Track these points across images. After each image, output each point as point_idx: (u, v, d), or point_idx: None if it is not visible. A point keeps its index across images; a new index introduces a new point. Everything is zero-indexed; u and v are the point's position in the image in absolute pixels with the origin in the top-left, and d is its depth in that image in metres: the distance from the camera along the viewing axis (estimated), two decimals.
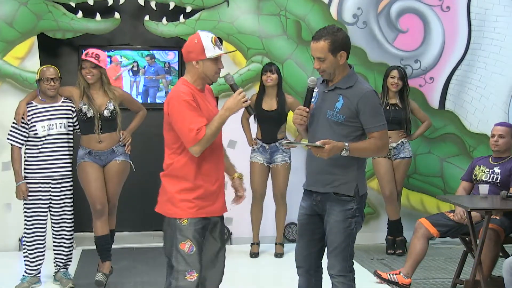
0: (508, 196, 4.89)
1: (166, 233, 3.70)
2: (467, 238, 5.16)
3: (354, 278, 3.85)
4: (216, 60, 3.62)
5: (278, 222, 6.44)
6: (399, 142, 6.50)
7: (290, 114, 6.05)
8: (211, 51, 3.58)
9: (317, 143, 3.58)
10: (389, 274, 5.29)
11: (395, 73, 6.48)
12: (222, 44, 3.69)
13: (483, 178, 5.31)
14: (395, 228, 6.58)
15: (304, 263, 3.93)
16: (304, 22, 6.87)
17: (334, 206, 3.75)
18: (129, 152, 5.36)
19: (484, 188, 5.06)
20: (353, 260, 3.84)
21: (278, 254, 6.35)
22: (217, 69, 3.64)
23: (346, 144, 3.63)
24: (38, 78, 5.22)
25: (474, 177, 5.40)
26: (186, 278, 3.60)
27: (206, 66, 3.61)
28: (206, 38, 3.59)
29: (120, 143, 5.30)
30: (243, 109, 3.66)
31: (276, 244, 6.42)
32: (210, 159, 3.66)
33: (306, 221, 3.89)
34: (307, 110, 3.75)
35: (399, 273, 5.22)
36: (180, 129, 3.57)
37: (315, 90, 3.84)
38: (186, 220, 3.63)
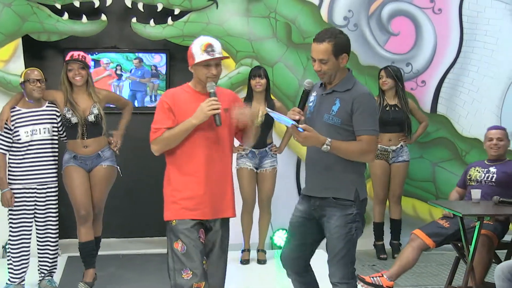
0: (500, 201, 4.83)
1: (166, 235, 3.81)
2: (459, 244, 5.09)
3: (357, 285, 3.80)
4: (207, 65, 3.67)
5: (261, 229, 6.33)
6: (398, 146, 6.48)
7: None
8: (198, 57, 3.67)
9: (300, 126, 3.53)
10: (372, 277, 5.19)
11: (382, 73, 6.56)
12: (215, 50, 3.68)
13: (477, 177, 5.25)
14: (379, 231, 6.59)
15: (292, 265, 3.90)
16: (294, 25, 6.80)
17: (334, 211, 3.69)
18: (117, 152, 5.26)
19: (476, 193, 5.00)
20: None
21: (261, 261, 6.27)
22: (209, 73, 3.68)
23: (329, 139, 3.55)
24: (23, 80, 5.11)
25: (468, 178, 5.33)
26: (183, 277, 3.66)
27: (198, 71, 3.71)
28: (197, 44, 3.69)
29: (108, 147, 5.21)
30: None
31: (258, 251, 6.33)
32: (188, 163, 3.72)
33: (300, 223, 3.84)
34: (299, 111, 3.68)
35: (382, 275, 5.13)
36: None
37: (313, 94, 3.80)
38: (174, 221, 3.74)
